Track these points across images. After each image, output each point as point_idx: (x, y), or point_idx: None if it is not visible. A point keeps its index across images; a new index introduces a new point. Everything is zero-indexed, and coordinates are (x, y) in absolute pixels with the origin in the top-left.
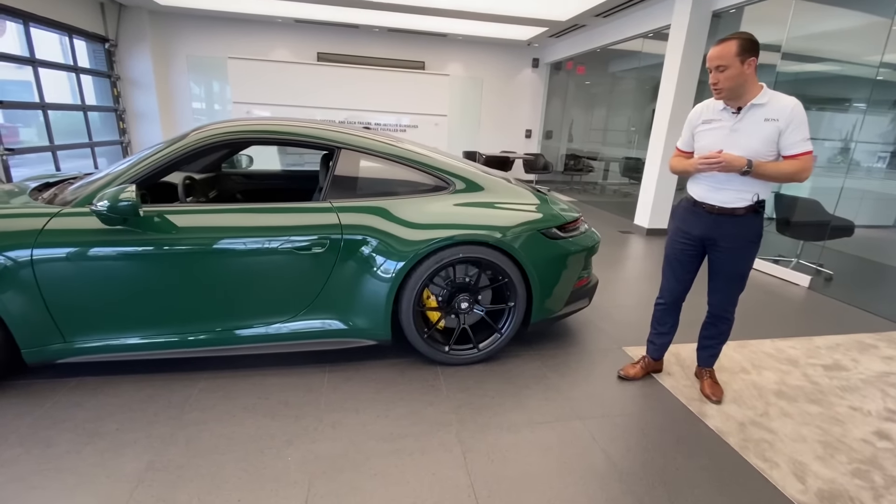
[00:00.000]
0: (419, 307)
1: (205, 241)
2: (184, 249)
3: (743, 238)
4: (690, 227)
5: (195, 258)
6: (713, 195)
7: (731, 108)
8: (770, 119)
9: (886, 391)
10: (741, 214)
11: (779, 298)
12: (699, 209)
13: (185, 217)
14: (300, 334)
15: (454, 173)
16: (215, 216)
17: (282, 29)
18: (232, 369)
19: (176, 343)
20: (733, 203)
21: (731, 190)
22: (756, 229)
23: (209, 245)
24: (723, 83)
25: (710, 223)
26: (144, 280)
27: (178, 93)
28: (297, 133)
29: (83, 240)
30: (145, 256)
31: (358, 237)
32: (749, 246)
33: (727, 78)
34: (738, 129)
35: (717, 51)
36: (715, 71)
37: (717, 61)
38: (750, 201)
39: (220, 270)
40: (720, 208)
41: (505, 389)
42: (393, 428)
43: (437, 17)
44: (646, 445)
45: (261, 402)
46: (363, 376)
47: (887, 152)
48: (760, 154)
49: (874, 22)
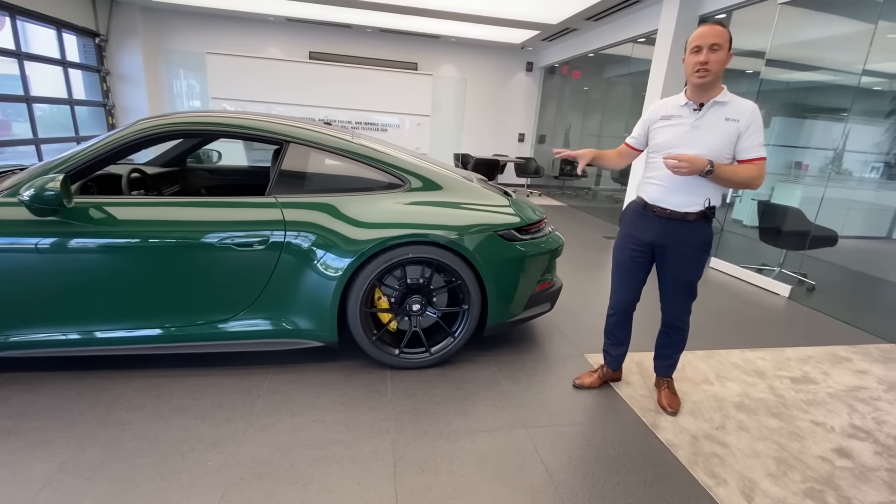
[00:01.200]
0: (368, 308)
1: (140, 235)
2: (117, 243)
3: (693, 245)
4: (640, 233)
5: (130, 253)
6: (666, 198)
7: (692, 105)
8: (731, 119)
9: (854, 406)
10: (692, 220)
11: (757, 308)
12: (649, 213)
13: (120, 210)
14: (241, 334)
15: (410, 171)
16: (153, 209)
17: (274, 27)
18: (171, 368)
19: (112, 340)
20: (686, 207)
21: (685, 192)
22: (706, 236)
23: (145, 239)
24: (713, 64)
25: (661, 228)
26: (77, 274)
27: (169, 89)
28: (244, 126)
29: (10, 230)
30: (77, 250)
31: (302, 234)
32: (699, 254)
33: (718, 60)
34: (698, 126)
35: (714, 30)
36: (707, 50)
37: (713, 39)
38: (702, 206)
39: (157, 266)
40: (671, 212)
41: (453, 395)
42: (326, 434)
43: (430, 19)
44: (589, 458)
45: (194, 404)
46: (307, 379)
47: (873, 162)
48: (720, 154)
49: (858, 29)
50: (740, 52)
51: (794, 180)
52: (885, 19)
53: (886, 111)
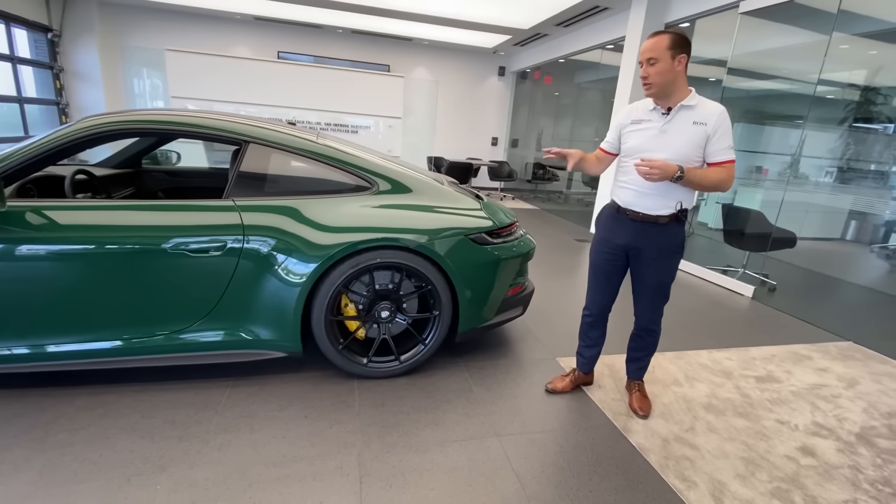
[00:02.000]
0: (334, 316)
1: (82, 240)
2: (57, 250)
3: (665, 248)
4: (614, 236)
5: (71, 260)
6: (638, 201)
7: (660, 109)
8: (698, 122)
9: (816, 404)
10: (664, 223)
11: (723, 308)
12: (623, 216)
13: (60, 214)
14: (198, 346)
15: (378, 173)
16: (97, 214)
17: (241, 26)
18: (120, 384)
19: (53, 354)
20: (658, 210)
21: (657, 196)
22: (678, 239)
23: (89, 245)
24: (653, 77)
25: (634, 231)
26: (12, 283)
27: (129, 88)
28: (199, 125)
29: None
30: (13, 256)
31: (262, 239)
32: (672, 256)
33: (657, 72)
34: (667, 130)
35: (649, 44)
36: (646, 64)
37: (648, 54)
38: (674, 209)
39: (104, 274)
40: (644, 215)
41: (423, 405)
42: (288, 450)
43: (402, 21)
44: (561, 465)
45: (143, 422)
46: (269, 392)
47: (827, 167)
48: (689, 158)
49: (814, 40)
50: (703, 61)
51: (755, 184)
52: (839, 31)
53: (840, 119)
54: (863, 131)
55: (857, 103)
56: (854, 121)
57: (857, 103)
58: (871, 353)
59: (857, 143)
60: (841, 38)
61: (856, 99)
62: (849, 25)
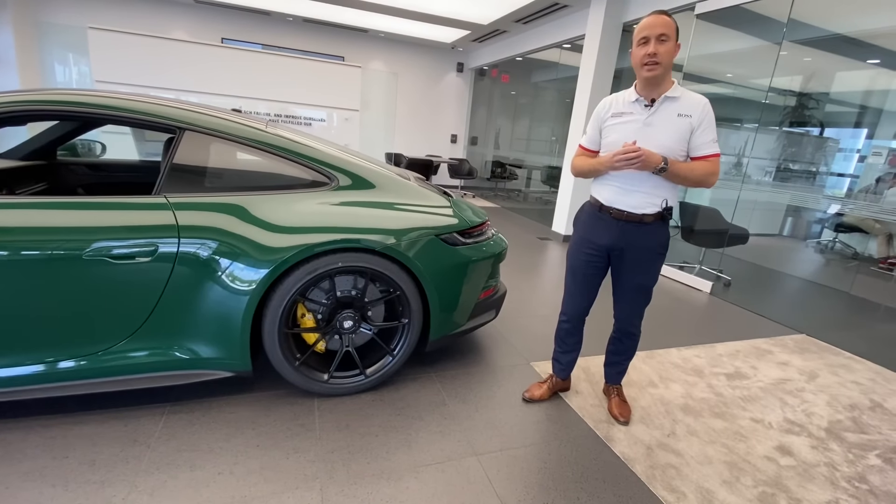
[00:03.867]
0: (290, 328)
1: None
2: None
3: (650, 248)
4: (597, 237)
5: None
6: (623, 199)
7: (643, 101)
8: (683, 115)
9: (784, 399)
10: (649, 222)
11: (684, 304)
12: (605, 215)
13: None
14: (124, 368)
15: (337, 167)
16: (3, 213)
17: (181, 8)
18: (22, 419)
19: None
20: (643, 208)
21: (643, 193)
22: (663, 239)
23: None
24: (662, 56)
25: (618, 231)
26: None
27: (50, 72)
28: (125, 108)
29: None
30: None
31: (201, 242)
32: (656, 257)
33: (667, 51)
34: (651, 123)
35: (658, 20)
36: (655, 41)
37: (662, 29)
38: (659, 207)
39: (7, 286)
40: (629, 214)
41: (394, 423)
42: (237, 489)
43: (356, 10)
44: (547, 485)
45: (55, 464)
46: (213, 418)
47: (773, 168)
48: (674, 152)
49: (764, 46)
50: None
51: None
52: (789, 39)
53: (777, 121)
54: (798, 134)
55: (793, 108)
56: (790, 124)
57: (793, 108)
58: (823, 346)
59: (792, 145)
60: (790, 47)
61: (792, 104)
62: (796, 33)
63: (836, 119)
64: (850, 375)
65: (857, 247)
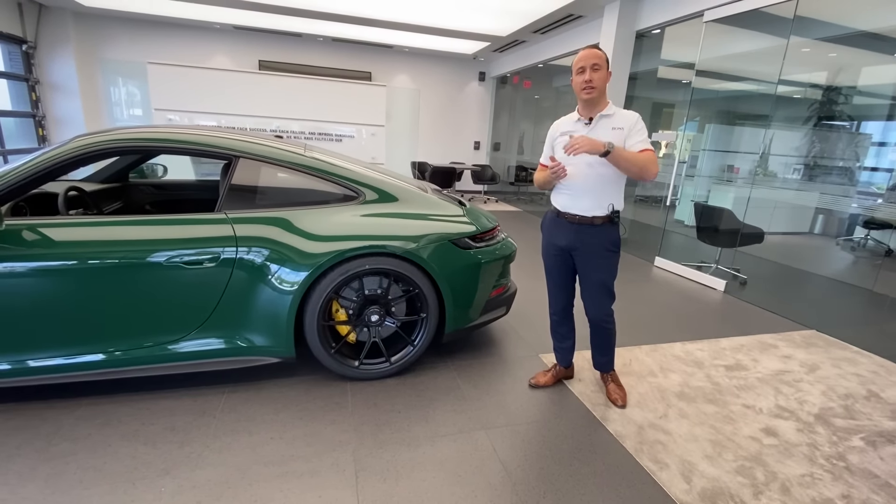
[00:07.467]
0: (326, 321)
1: (80, 256)
2: (57, 266)
3: (602, 247)
4: (557, 239)
5: (70, 276)
6: (574, 203)
7: (584, 120)
8: (617, 128)
9: (779, 388)
10: (599, 224)
11: (696, 302)
12: (562, 220)
13: (57, 231)
14: (194, 354)
15: (365, 183)
16: (93, 230)
17: (221, 35)
18: (118, 394)
19: (52, 368)
20: (592, 211)
21: (591, 198)
22: (613, 238)
23: (85, 261)
24: (597, 81)
25: (573, 233)
26: (13, 299)
27: (106, 98)
28: (189, 142)
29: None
30: (13, 274)
31: (255, 250)
32: (608, 255)
33: (601, 78)
34: (591, 137)
35: (591, 53)
36: (590, 70)
37: (594, 60)
38: (606, 210)
39: (100, 288)
40: (581, 217)
41: (414, 403)
42: (285, 450)
43: (382, 29)
44: (544, 454)
45: (144, 429)
46: (265, 396)
47: (794, 165)
48: None
49: (773, 44)
50: (675, 64)
51: (727, 183)
52: (796, 35)
53: (802, 118)
54: (831, 128)
55: (820, 103)
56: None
57: (820, 103)
58: (832, 340)
59: (821, 141)
60: (798, 42)
61: (818, 98)
62: (807, 31)
63: (867, 112)
64: (853, 368)
65: (890, 243)
